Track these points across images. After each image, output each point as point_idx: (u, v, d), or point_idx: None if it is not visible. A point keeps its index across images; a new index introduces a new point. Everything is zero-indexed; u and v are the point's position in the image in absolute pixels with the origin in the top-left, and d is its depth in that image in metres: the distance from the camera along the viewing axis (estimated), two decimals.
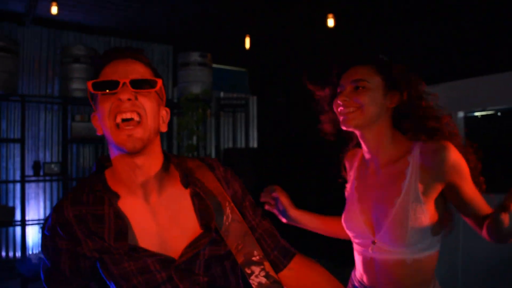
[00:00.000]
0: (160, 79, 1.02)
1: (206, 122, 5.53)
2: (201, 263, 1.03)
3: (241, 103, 5.81)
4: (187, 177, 1.08)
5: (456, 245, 3.62)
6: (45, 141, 5.39)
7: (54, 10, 4.07)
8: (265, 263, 1.06)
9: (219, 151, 6.06)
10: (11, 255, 5.13)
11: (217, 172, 1.14)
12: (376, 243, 1.31)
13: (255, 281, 1.05)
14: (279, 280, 1.07)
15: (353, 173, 1.49)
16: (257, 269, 1.06)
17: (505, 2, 3.98)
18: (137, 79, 0.98)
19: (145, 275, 0.98)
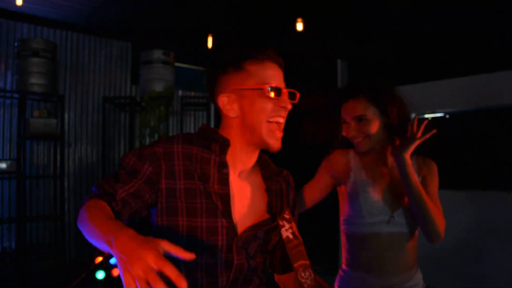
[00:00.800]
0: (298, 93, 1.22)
1: (168, 120, 5.52)
2: (255, 245, 1.16)
3: (203, 102, 5.86)
4: (270, 174, 1.28)
5: None
6: None
7: (19, 1, 3.90)
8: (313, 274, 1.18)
9: None
10: None
11: (286, 177, 1.34)
12: (394, 217, 1.56)
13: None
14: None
15: (354, 167, 1.67)
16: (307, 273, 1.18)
17: (450, 10, 4.34)
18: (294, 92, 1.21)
19: (210, 237, 1.09)
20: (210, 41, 5.74)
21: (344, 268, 1.67)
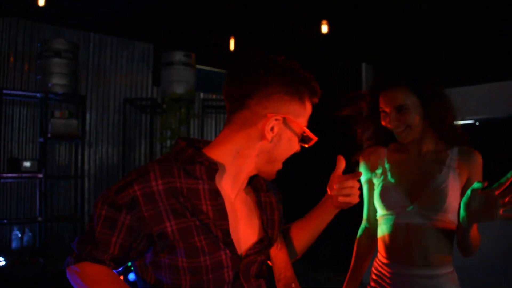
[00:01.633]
0: None
1: (189, 122, 5.48)
2: (255, 266, 1.09)
3: (224, 105, 5.80)
4: (258, 185, 1.18)
5: None
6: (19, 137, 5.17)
7: (41, 1, 3.90)
8: None
9: None
10: None
11: (274, 190, 1.26)
12: (414, 208, 1.52)
13: None
14: None
15: (383, 163, 1.66)
16: None
17: (479, 16, 4.21)
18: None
19: (215, 272, 1.00)
20: (232, 43, 5.68)
21: (378, 257, 1.65)
